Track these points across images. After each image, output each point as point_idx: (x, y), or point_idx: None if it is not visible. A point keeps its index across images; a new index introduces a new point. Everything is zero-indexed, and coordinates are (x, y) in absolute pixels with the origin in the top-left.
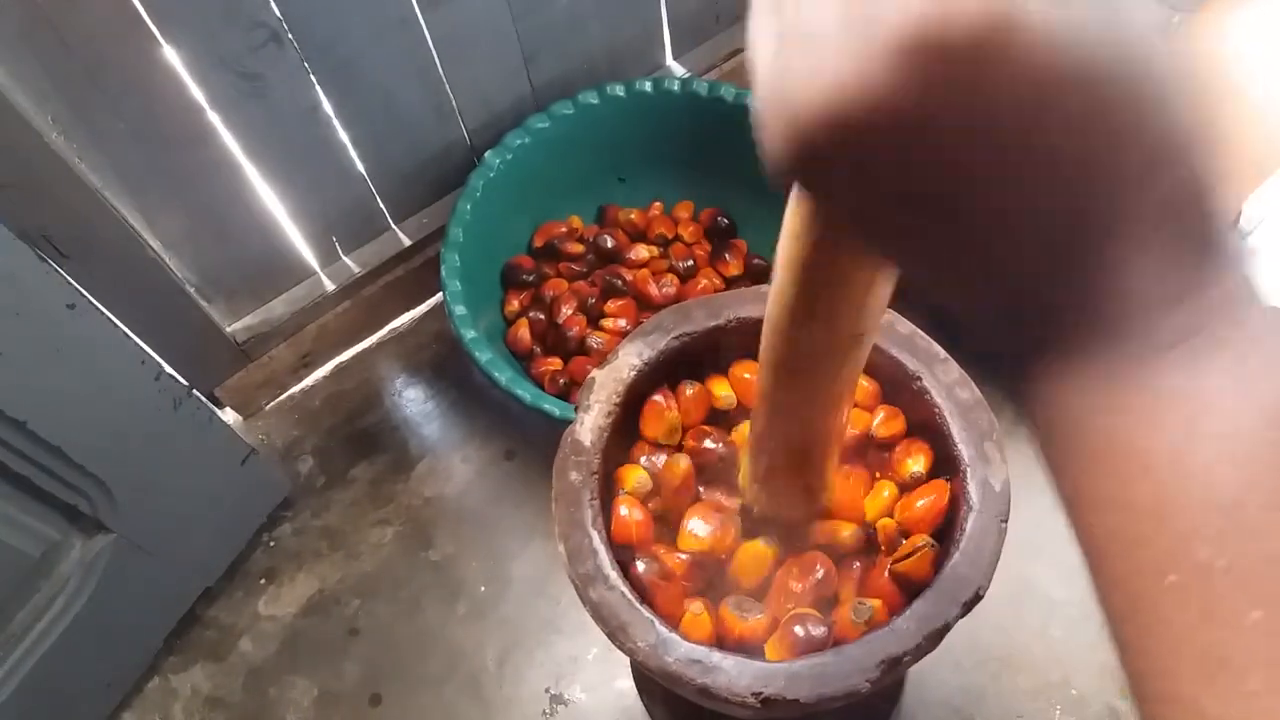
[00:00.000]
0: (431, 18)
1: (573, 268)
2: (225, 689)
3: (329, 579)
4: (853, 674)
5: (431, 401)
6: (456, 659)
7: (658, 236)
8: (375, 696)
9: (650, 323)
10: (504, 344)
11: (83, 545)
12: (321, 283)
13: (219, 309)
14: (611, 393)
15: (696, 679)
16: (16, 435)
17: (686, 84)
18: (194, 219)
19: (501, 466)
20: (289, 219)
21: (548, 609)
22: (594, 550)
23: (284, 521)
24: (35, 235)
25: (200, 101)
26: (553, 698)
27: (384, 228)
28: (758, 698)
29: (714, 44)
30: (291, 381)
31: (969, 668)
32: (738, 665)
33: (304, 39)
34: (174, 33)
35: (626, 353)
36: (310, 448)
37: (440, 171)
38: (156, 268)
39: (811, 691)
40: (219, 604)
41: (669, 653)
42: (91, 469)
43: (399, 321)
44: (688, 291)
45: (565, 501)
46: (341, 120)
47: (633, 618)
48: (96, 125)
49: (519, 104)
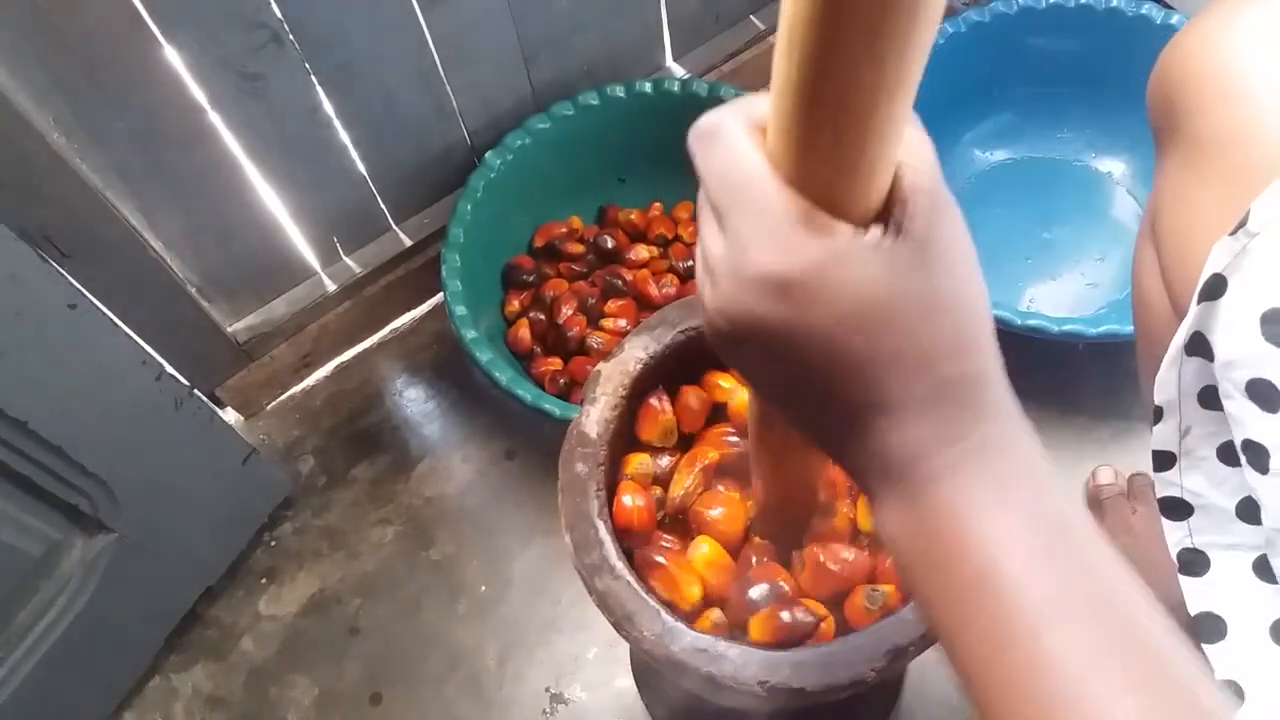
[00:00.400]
0: (432, 19)
1: (573, 268)
2: (226, 688)
3: (330, 578)
4: (858, 662)
5: (432, 401)
6: (457, 658)
7: (658, 237)
8: (376, 695)
9: (656, 317)
10: (504, 344)
11: (84, 545)
12: (322, 283)
13: (220, 309)
14: (618, 385)
15: (703, 667)
16: (18, 435)
17: (686, 85)
18: (195, 219)
19: (502, 466)
20: (290, 219)
21: (548, 608)
22: (600, 540)
23: (285, 521)
24: (36, 235)
25: (201, 102)
26: (553, 696)
27: (385, 228)
28: (764, 686)
29: (714, 45)
30: (292, 381)
31: None
32: (744, 654)
33: (305, 40)
34: (175, 33)
35: (633, 346)
36: (311, 447)
37: (441, 172)
38: (158, 268)
39: (817, 680)
40: (220, 603)
41: (675, 641)
42: (92, 469)
43: (400, 321)
44: (688, 291)
45: (571, 493)
46: (342, 121)
47: (639, 607)
48: (97, 126)
49: (519, 105)
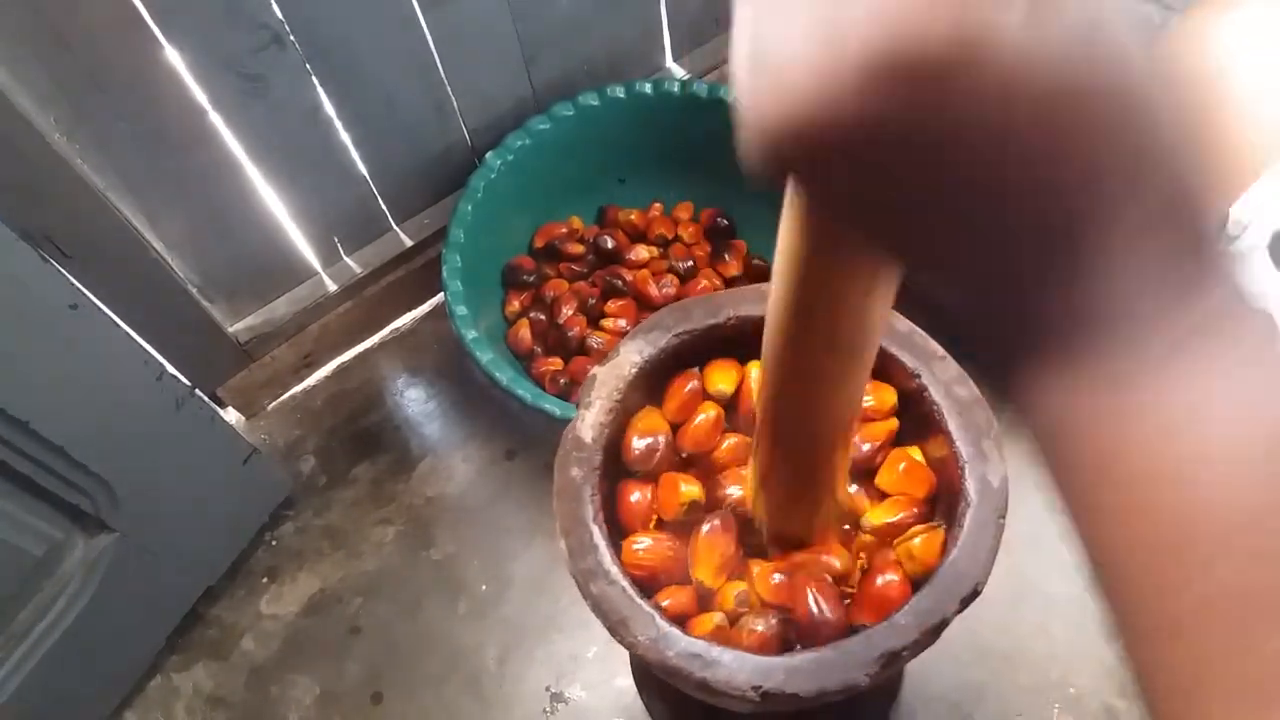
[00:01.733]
0: (433, 19)
1: (573, 268)
2: (227, 688)
3: (331, 578)
4: (852, 668)
5: (433, 401)
6: (457, 657)
7: (658, 237)
8: (377, 695)
9: (650, 321)
10: (505, 344)
11: (85, 544)
12: (323, 283)
13: (221, 309)
14: (612, 389)
15: (696, 673)
16: (19, 435)
17: (686, 85)
18: (196, 220)
19: (502, 466)
20: (291, 220)
21: (548, 608)
22: (594, 545)
23: (286, 521)
24: (38, 236)
25: (202, 103)
26: (553, 696)
27: (385, 228)
28: (757, 691)
29: (713, 46)
30: (293, 381)
31: (968, 664)
32: (737, 659)
33: (306, 40)
34: (176, 34)
35: (627, 350)
36: (312, 447)
37: (441, 172)
38: (159, 268)
39: (811, 685)
40: (221, 603)
41: (669, 647)
42: (94, 468)
43: (400, 322)
44: (688, 292)
45: (566, 497)
46: (343, 121)
47: (633, 612)
48: (98, 126)
49: (520, 105)
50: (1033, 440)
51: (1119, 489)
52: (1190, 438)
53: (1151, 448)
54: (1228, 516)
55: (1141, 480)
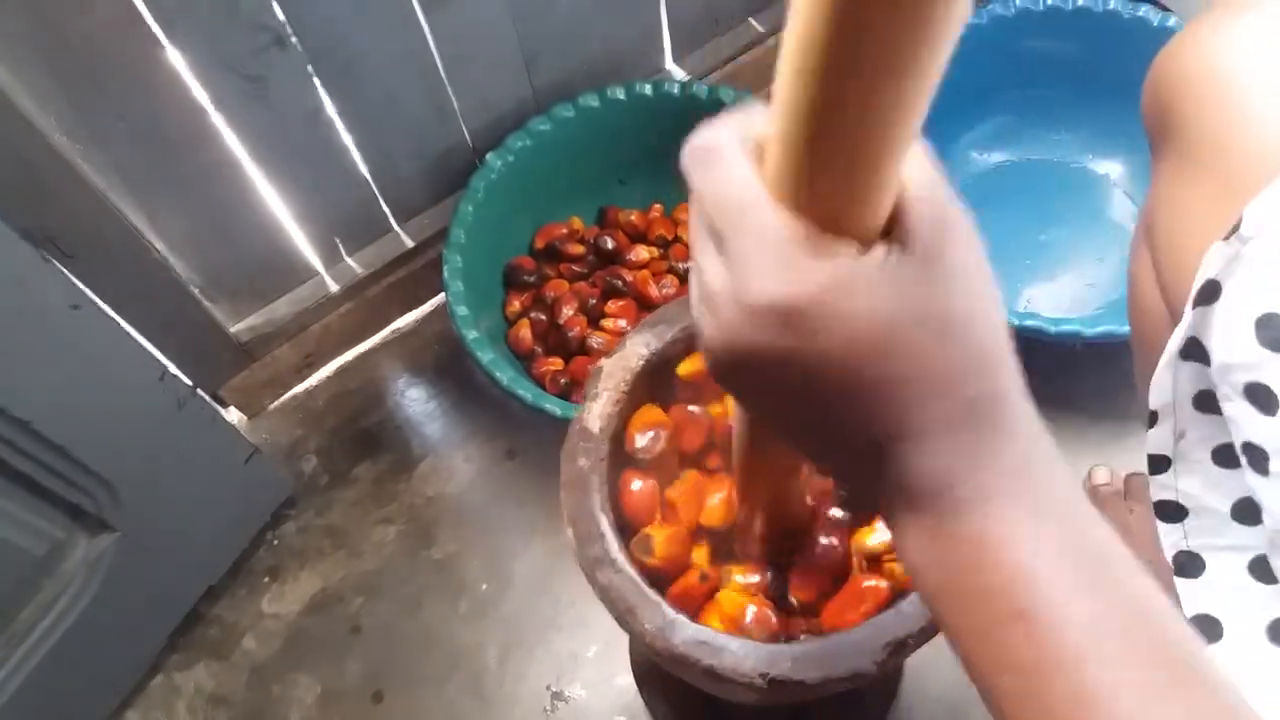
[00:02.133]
0: (433, 20)
1: (573, 269)
2: (228, 686)
3: (332, 577)
4: (859, 656)
5: (434, 401)
6: (458, 656)
7: (658, 238)
8: (377, 694)
9: (656, 315)
10: (505, 344)
11: (87, 544)
12: (325, 283)
13: (222, 309)
14: (619, 381)
15: (704, 660)
16: (21, 434)
17: (686, 87)
18: (197, 220)
19: (503, 466)
20: (292, 220)
21: (548, 607)
22: (602, 534)
23: (287, 520)
24: (39, 236)
25: (204, 103)
26: (554, 695)
27: (386, 229)
28: (764, 678)
29: (713, 47)
30: (295, 381)
31: None
32: (744, 647)
33: (307, 41)
34: (177, 35)
35: (634, 343)
36: (313, 447)
37: (442, 173)
38: (160, 268)
39: (818, 673)
40: (222, 602)
41: (676, 635)
42: (96, 468)
43: (401, 322)
44: (687, 291)
45: (573, 487)
46: (344, 122)
47: (640, 601)
48: (100, 127)
49: (520, 106)
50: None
51: (971, 614)
52: (1008, 558)
53: (983, 581)
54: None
55: (982, 604)
